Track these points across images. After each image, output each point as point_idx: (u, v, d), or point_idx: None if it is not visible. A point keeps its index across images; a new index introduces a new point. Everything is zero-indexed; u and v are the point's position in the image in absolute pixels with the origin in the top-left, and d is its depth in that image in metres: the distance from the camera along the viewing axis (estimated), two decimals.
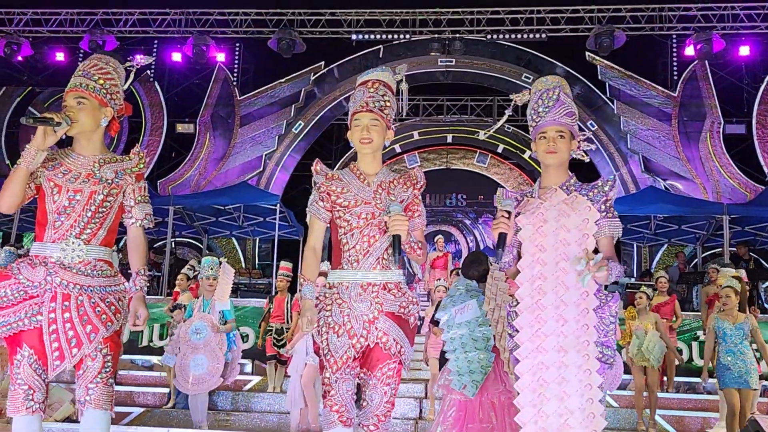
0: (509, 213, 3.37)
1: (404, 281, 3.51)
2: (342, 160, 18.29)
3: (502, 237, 3.36)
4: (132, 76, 3.79)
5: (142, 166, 3.65)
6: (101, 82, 3.54)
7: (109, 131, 3.62)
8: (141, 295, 3.51)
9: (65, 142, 3.64)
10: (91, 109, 3.48)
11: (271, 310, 9.79)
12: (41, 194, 3.46)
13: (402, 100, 3.67)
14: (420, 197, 3.58)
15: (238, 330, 8.31)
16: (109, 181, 3.50)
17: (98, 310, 3.34)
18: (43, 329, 3.27)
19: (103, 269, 3.44)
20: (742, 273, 9.94)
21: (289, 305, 9.60)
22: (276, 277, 12.95)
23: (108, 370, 3.35)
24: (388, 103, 3.53)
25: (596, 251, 3.27)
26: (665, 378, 9.74)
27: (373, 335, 3.34)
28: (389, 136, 3.55)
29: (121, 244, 12.18)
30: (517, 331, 3.32)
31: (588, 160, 3.60)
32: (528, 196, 3.50)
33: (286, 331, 9.36)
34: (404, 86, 3.68)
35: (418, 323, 3.55)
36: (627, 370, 8.95)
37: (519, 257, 3.47)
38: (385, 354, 3.35)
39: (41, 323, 3.27)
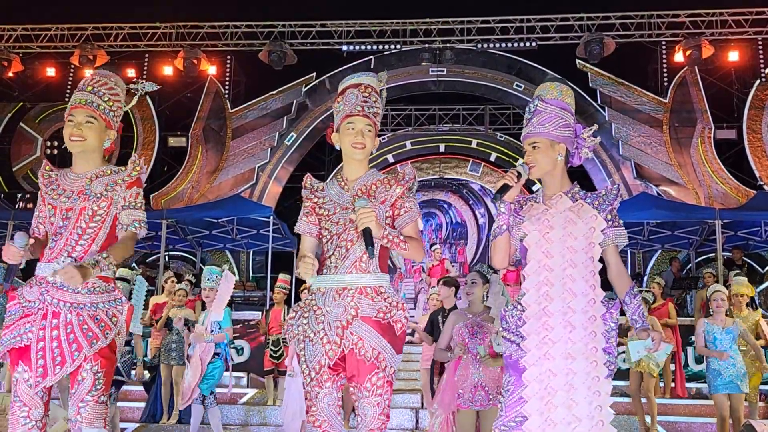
0: (518, 174, 3.38)
1: (388, 285, 3.34)
2: (335, 171, 18.26)
3: (506, 187, 3.36)
4: (136, 99, 3.84)
5: (135, 173, 3.59)
6: (110, 103, 3.58)
7: (105, 152, 3.64)
8: (74, 265, 3.20)
9: (68, 162, 3.64)
10: (98, 129, 3.52)
11: (269, 322, 9.75)
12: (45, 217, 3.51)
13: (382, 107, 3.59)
14: (409, 194, 3.43)
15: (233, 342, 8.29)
16: (98, 195, 3.47)
17: (85, 328, 3.31)
18: (34, 348, 3.27)
19: (95, 285, 3.40)
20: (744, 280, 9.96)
21: (285, 317, 9.55)
22: (270, 289, 12.90)
23: (99, 387, 3.33)
24: (378, 111, 3.47)
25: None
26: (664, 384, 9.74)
27: (348, 341, 3.19)
28: (376, 144, 3.46)
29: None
30: (521, 338, 3.30)
31: (589, 156, 3.59)
32: (532, 201, 3.48)
33: (282, 343, 9.32)
34: (384, 95, 3.58)
35: (407, 330, 3.41)
36: (622, 377, 8.96)
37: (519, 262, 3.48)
38: (361, 360, 3.19)
39: (32, 340, 3.29)
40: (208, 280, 7.46)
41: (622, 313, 3.38)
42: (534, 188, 14.17)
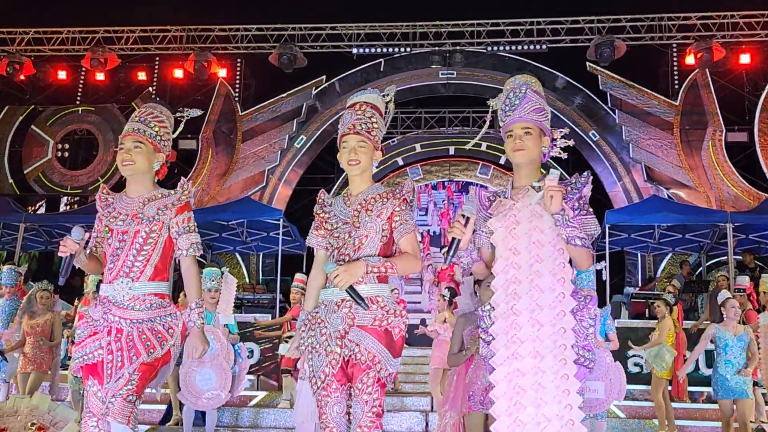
0: (466, 219, 3.28)
1: (386, 295, 3.47)
2: (344, 174, 18.26)
3: (455, 242, 3.29)
4: (182, 126, 4.09)
5: (184, 197, 3.83)
6: (156, 129, 3.85)
7: (157, 174, 3.90)
8: (197, 331, 3.71)
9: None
10: (147, 153, 3.78)
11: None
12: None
13: (386, 120, 3.71)
14: (406, 206, 3.52)
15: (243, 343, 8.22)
16: (151, 219, 3.71)
17: (144, 338, 3.59)
18: (104, 361, 3.54)
19: (152, 302, 3.65)
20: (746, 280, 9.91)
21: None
22: (280, 292, 12.88)
23: (132, 386, 3.55)
24: (375, 125, 3.59)
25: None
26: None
27: (347, 348, 3.37)
28: (377, 157, 3.60)
29: None
30: (493, 338, 3.21)
31: (566, 156, 3.47)
32: (501, 197, 3.39)
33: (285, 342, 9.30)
34: (392, 106, 3.74)
35: (405, 335, 3.52)
36: (634, 381, 8.93)
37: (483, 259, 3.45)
38: (356, 363, 3.36)
39: (102, 356, 3.56)
40: (212, 281, 7.39)
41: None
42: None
